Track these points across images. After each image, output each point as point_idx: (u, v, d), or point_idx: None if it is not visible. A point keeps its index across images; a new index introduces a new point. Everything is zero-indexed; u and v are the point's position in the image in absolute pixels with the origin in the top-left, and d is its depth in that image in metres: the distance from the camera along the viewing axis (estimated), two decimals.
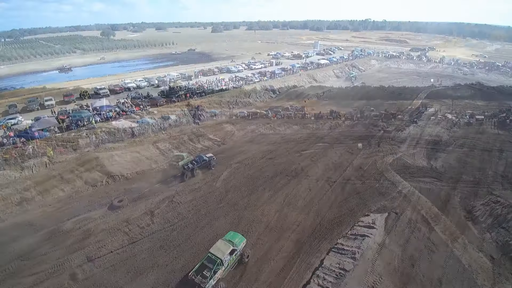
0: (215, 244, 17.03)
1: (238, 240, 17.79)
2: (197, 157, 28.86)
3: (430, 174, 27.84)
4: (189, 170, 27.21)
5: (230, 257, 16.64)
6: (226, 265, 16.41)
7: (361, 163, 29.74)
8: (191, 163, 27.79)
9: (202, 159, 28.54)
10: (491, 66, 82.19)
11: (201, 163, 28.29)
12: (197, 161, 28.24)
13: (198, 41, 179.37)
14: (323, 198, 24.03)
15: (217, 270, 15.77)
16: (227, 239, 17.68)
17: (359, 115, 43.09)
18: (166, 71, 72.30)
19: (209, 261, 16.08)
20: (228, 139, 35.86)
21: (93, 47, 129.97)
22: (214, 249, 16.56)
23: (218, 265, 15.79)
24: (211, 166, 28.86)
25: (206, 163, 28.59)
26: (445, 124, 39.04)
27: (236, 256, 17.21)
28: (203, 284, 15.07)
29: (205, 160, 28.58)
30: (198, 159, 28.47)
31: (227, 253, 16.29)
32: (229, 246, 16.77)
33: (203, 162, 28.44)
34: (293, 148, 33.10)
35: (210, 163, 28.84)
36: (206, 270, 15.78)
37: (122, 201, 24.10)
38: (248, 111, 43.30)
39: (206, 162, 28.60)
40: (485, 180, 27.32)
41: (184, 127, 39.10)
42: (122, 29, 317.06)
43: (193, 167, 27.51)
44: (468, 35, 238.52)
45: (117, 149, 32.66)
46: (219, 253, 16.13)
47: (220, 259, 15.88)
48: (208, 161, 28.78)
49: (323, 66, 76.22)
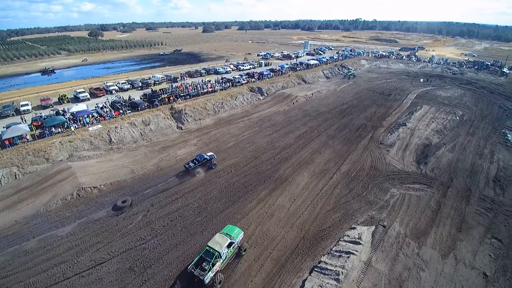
0: (213, 238, 17.50)
1: (235, 233, 18.30)
2: (198, 156, 28.49)
3: (420, 180, 26.78)
4: (190, 169, 26.89)
5: (228, 249, 16.98)
6: (224, 258, 16.75)
7: (348, 169, 28.51)
8: (192, 162, 27.55)
9: (203, 158, 28.15)
10: (480, 66, 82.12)
11: (202, 162, 27.87)
12: (198, 160, 27.87)
13: (188, 41, 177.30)
14: (308, 208, 22.67)
15: (215, 262, 16.09)
16: (225, 232, 18.16)
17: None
18: (152, 72, 70.26)
19: (207, 254, 16.53)
20: (213, 144, 34.24)
21: (79, 48, 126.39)
22: (212, 242, 16.94)
23: (216, 258, 16.17)
24: (211, 165, 28.62)
25: (207, 162, 28.28)
26: (435, 126, 38.13)
27: (234, 248, 17.58)
28: (202, 277, 15.43)
29: (206, 159, 28.26)
30: (199, 158, 28.10)
31: (224, 246, 16.66)
32: (226, 239, 17.15)
33: (204, 160, 28.06)
34: (279, 154, 31.70)
35: (211, 162, 28.61)
36: (204, 263, 16.30)
37: (125, 201, 23.72)
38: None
39: (207, 160, 28.33)
40: (477, 185, 26.42)
41: (166, 132, 37.36)
42: (112, 29, 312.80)
43: (194, 166, 27.17)
44: (457, 34, 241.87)
45: (92, 158, 30.79)
46: (217, 246, 16.52)
47: (218, 252, 16.26)
48: (209, 159, 28.52)
49: (312, 67, 75.01)
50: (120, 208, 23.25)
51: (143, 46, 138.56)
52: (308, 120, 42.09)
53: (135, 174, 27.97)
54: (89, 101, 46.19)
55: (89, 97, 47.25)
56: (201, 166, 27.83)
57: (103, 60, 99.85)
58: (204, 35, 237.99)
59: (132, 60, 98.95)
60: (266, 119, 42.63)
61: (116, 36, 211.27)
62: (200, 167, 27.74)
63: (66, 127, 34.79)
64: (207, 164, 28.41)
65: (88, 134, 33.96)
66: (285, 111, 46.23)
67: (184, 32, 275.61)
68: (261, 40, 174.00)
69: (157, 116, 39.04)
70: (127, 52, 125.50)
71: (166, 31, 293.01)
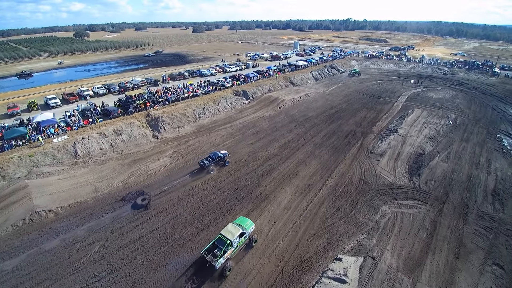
0: (226, 227, 18.30)
1: (247, 224, 19.02)
2: (212, 154, 28.79)
3: (413, 195, 24.49)
4: (205, 166, 27.17)
5: (239, 239, 17.71)
6: (235, 247, 17.55)
7: (336, 183, 26.05)
8: (206, 160, 27.89)
9: (217, 156, 28.41)
10: (471, 65, 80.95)
11: (216, 160, 28.07)
12: (212, 158, 28.16)
13: (176, 41, 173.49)
14: (289, 233, 20.10)
15: (227, 250, 16.90)
16: (237, 223, 18.93)
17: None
18: (134, 75, 66.93)
19: (219, 242, 17.27)
20: (190, 156, 31.41)
21: (61, 50, 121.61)
22: (225, 231, 17.75)
23: (228, 245, 16.91)
24: (225, 163, 28.80)
25: (220, 159, 28.41)
26: (427, 132, 36.03)
27: (245, 239, 18.31)
28: (213, 262, 16.23)
29: (220, 157, 28.39)
30: (213, 156, 28.39)
31: (236, 235, 17.42)
32: (238, 229, 17.92)
33: (218, 158, 28.23)
34: (261, 167, 29.09)
35: (224, 159, 28.73)
36: (216, 249, 17.02)
37: (145, 199, 23.37)
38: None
39: (221, 158, 28.46)
40: (474, 199, 24.25)
41: (140, 142, 34.38)
42: (100, 30, 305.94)
43: (209, 164, 27.42)
44: (446, 34, 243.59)
45: (53, 175, 27.62)
46: (229, 235, 17.31)
47: (230, 241, 17.01)
48: (223, 157, 28.64)
49: (301, 68, 72.63)
50: (140, 206, 22.78)
51: (128, 47, 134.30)
52: (295, 126, 39.59)
53: (98, 194, 24.97)
54: (60, 108, 42.82)
55: (60, 104, 43.82)
56: (215, 163, 28.00)
57: (84, 62, 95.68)
58: (194, 35, 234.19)
59: (115, 62, 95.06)
60: (250, 125, 39.96)
61: (104, 37, 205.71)
62: (214, 165, 27.84)
63: (27, 140, 31.55)
64: (220, 162, 28.50)
65: (51, 147, 30.78)
66: (270, 117, 43.65)
67: (174, 32, 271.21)
68: (251, 40, 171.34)
69: (131, 124, 35.99)
70: (111, 53, 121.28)
71: (156, 31, 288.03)
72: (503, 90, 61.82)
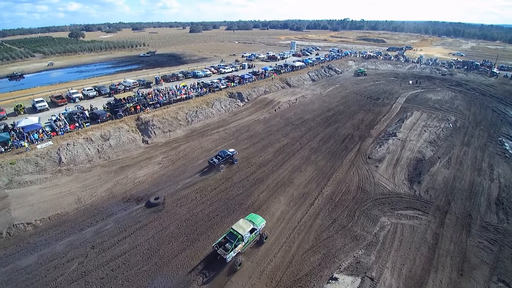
0: (237, 222, 18.75)
1: (258, 221, 19.29)
2: (221, 152, 29.11)
3: (414, 204, 23.26)
4: (215, 164, 27.48)
5: (250, 235, 18.07)
6: (246, 242, 17.91)
7: (332, 192, 24.78)
8: (216, 158, 28.25)
9: (226, 154, 28.75)
10: (470, 66, 80.00)
11: (225, 158, 28.43)
12: (222, 156, 28.48)
13: (172, 41, 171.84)
14: (282, 248, 18.81)
15: (238, 244, 17.28)
16: (248, 219, 19.22)
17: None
18: (127, 76, 65.45)
19: (230, 236, 17.65)
20: (180, 162, 30.04)
21: (54, 50, 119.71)
22: (236, 226, 18.18)
23: (238, 240, 17.25)
24: (233, 161, 29.23)
25: (229, 157, 28.86)
26: (427, 136, 34.85)
27: (256, 235, 18.63)
28: (224, 255, 16.67)
29: (229, 155, 28.83)
30: (222, 154, 28.73)
31: (247, 230, 17.79)
32: (250, 225, 18.31)
33: (227, 156, 28.62)
34: (255, 174, 27.78)
35: (232, 157, 29.09)
36: (227, 243, 17.38)
37: (158, 198, 23.39)
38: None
39: (230, 156, 28.87)
40: (477, 209, 23.06)
41: (128, 148, 32.96)
42: (96, 30, 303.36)
43: (218, 162, 27.72)
44: (444, 34, 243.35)
45: (35, 183, 26.16)
46: (240, 230, 17.68)
47: (241, 235, 17.35)
48: (231, 155, 29.04)
49: (298, 69, 71.34)
50: (154, 205, 22.83)
51: (123, 47, 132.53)
52: (290, 129, 38.31)
53: (81, 204, 23.55)
54: (48, 112, 41.24)
55: (48, 107, 42.25)
56: (224, 162, 28.32)
57: (78, 63, 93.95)
58: (191, 35, 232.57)
59: (109, 63, 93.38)
60: (244, 129, 38.64)
61: (99, 37, 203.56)
62: (223, 163, 28.17)
63: (10, 146, 30.07)
64: (229, 160, 28.91)
65: (34, 154, 29.31)
66: (265, 120, 42.34)
67: (171, 32, 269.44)
68: (248, 41, 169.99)
69: (119, 129, 34.55)
70: (106, 54, 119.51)
71: (153, 31, 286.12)
72: (503, 91, 60.88)
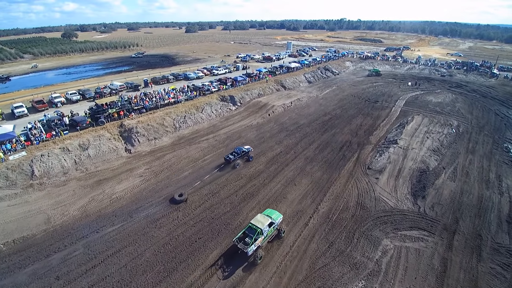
0: (255, 217, 18.96)
1: (275, 216, 19.55)
2: (237, 149, 29.58)
3: (419, 223, 21.06)
4: (231, 161, 27.90)
5: (269, 228, 18.31)
6: (265, 235, 18.16)
7: (329, 209, 22.53)
8: (231, 154, 28.63)
9: (241, 150, 29.18)
10: (469, 66, 78.22)
11: (241, 154, 28.85)
12: (237, 153, 28.93)
13: (167, 42, 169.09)
14: (271, 281, 16.46)
15: (258, 238, 17.48)
16: (266, 214, 19.51)
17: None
18: (117, 78, 62.93)
19: (250, 230, 17.95)
20: (163, 174, 27.64)
21: (45, 51, 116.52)
22: (255, 220, 18.45)
23: (258, 234, 17.48)
24: (249, 158, 29.50)
25: (245, 154, 29.27)
26: (430, 143, 32.73)
27: (274, 229, 18.84)
28: (245, 249, 16.95)
29: (244, 151, 29.28)
30: (238, 151, 29.18)
31: (266, 224, 18.05)
32: (268, 219, 18.59)
33: (243, 153, 29.05)
34: (244, 188, 25.47)
35: (248, 154, 29.50)
36: (247, 238, 17.72)
37: (182, 195, 23.41)
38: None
39: (245, 153, 29.31)
40: (488, 227, 20.91)
41: (109, 158, 30.49)
42: (91, 30, 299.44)
43: (234, 158, 28.23)
44: (440, 33, 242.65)
45: (3, 200, 23.54)
46: (259, 224, 17.94)
47: (261, 229, 17.60)
48: (247, 152, 29.49)
49: (293, 70, 69.08)
50: (178, 201, 22.97)
51: (116, 47, 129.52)
52: (284, 136, 36.04)
53: (50, 225, 21.08)
54: (27, 118, 38.60)
55: (27, 113, 39.58)
56: (240, 158, 28.67)
57: (67, 64, 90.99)
58: (186, 35, 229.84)
59: (99, 64, 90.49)
60: (235, 136, 36.31)
61: (94, 37, 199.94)
62: (239, 159, 28.52)
63: None
64: (245, 156, 29.23)
65: (4, 166, 26.76)
66: (258, 125, 40.02)
67: (166, 32, 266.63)
68: (244, 41, 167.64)
69: (100, 137, 32.06)
70: (97, 54, 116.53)
71: (148, 31, 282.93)
72: (504, 93, 59.10)
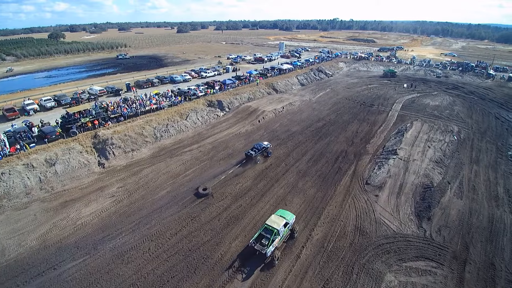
0: (269, 218, 18.74)
1: (289, 216, 19.31)
2: (256, 145, 30.18)
3: (425, 251, 18.49)
4: (252, 156, 28.42)
5: (284, 229, 18.11)
6: (282, 236, 17.92)
7: (324, 236, 19.83)
8: (252, 150, 29.06)
9: (261, 146, 29.84)
10: (465, 67, 76.60)
11: (261, 150, 29.50)
12: (258, 148, 29.49)
13: (157, 42, 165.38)
14: None
15: (275, 239, 17.32)
16: (279, 214, 19.21)
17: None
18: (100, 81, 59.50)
19: (266, 231, 17.82)
20: (138, 194, 24.61)
21: (28, 53, 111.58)
22: (270, 221, 18.26)
23: (275, 234, 17.36)
24: (268, 154, 30.29)
25: (265, 150, 30.01)
26: (432, 153, 30.33)
27: (288, 229, 18.64)
28: (263, 251, 16.74)
29: (264, 147, 30.02)
30: (258, 146, 29.75)
31: (281, 224, 17.90)
32: (282, 219, 18.45)
33: (263, 149, 29.74)
34: (228, 210, 22.64)
35: (267, 150, 30.21)
36: (264, 239, 17.58)
37: (206, 189, 23.78)
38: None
39: (265, 149, 30.04)
40: (501, 255, 18.46)
41: (79, 174, 27.34)
42: (81, 30, 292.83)
43: (256, 154, 28.72)
44: (432, 33, 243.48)
45: None
46: (275, 225, 17.81)
47: (277, 230, 17.46)
48: (266, 148, 30.22)
49: (285, 72, 66.42)
50: (203, 196, 23.27)
51: (103, 48, 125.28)
52: (275, 146, 33.24)
53: (4, 259, 17.92)
54: None
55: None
56: (260, 153, 29.36)
57: (50, 67, 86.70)
58: (177, 35, 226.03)
59: (83, 66, 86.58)
60: (221, 145, 33.44)
61: (82, 38, 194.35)
62: (259, 155, 29.22)
63: None
64: (264, 152, 29.98)
65: None
66: (247, 133, 37.22)
67: (158, 32, 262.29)
68: (236, 41, 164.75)
69: (69, 150, 28.88)
70: (83, 56, 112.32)
71: (139, 31, 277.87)
72: (502, 95, 57.38)
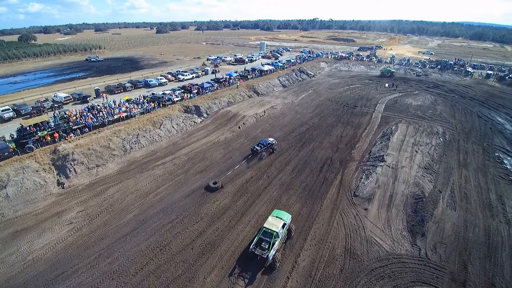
0: (267, 220, 18.29)
1: (285, 216, 19.10)
2: (262, 141, 30.49)
3: (421, 274, 16.71)
4: (258, 152, 28.73)
5: (282, 230, 17.83)
6: (281, 237, 17.60)
7: (311, 262, 17.65)
8: (258, 146, 29.39)
9: (267, 142, 30.19)
10: (443, 65, 77.27)
11: (267, 146, 29.80)
12: (264, 144, 29.74)
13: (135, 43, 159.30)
14: None
15: (275, 241, 16.90)
16: (275, 215, 18.93)
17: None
18: (67, 87, 55.06)
19: (265, 235, 17.36)
20: (101, 219, 21.61)
21: None
22: (268, 224, 17.84)
23: (275, 237, 17.00)
24: (273, 150, 30.75)
25: (270, 146, 30.29)
26: (420, 158, 28.96)
27: (286, 229, 18.43)
28: (264, 255, 16.19)
29: (270, 143, 30.36)
30: (264, 142, 30.07)
31: (280, 226, 17.60)
32: (280, 220, 18.18)
33: (268, 145, 30.06)
34: (203, 235, 20.12)
35: (272, 146, 30.50)
36: (263, 243, 16.99)
37: (216, 183, 24.15)
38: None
39: (271, 145, 30.38)
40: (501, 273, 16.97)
41: (34, 197, 23.94)
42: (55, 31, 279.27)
43: (261, 150, 29.00)
44: (409, 32, 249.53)
45: None
46: (273, 227, 17.45)
47: (276, 232, 17.14)
48: (272, 144, 30.52)
49: (267, 73, 64.29)
50: (214, 189, 23.68)
51: (75, 51, 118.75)
52: None
53: None
54: None
55: None
56: (266, 149, 29.70)
57: (15, 72, 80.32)
58: (156, 36, 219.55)
59: (53, 70, 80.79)
60: (198, 156, 30.76)
61: (56, 39, 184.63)
62: (265, 151, 29.58)
63: None
64: (269, 149, 30.32)
65: None
66: (226, 141, 34.69)
67: (136, 33, 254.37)
68: (217, 41, 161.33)
69: (24, 169, 25.37)
70: (53, 59, 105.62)
71: (117, 32, 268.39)
72: (482, 92, 57.87)
